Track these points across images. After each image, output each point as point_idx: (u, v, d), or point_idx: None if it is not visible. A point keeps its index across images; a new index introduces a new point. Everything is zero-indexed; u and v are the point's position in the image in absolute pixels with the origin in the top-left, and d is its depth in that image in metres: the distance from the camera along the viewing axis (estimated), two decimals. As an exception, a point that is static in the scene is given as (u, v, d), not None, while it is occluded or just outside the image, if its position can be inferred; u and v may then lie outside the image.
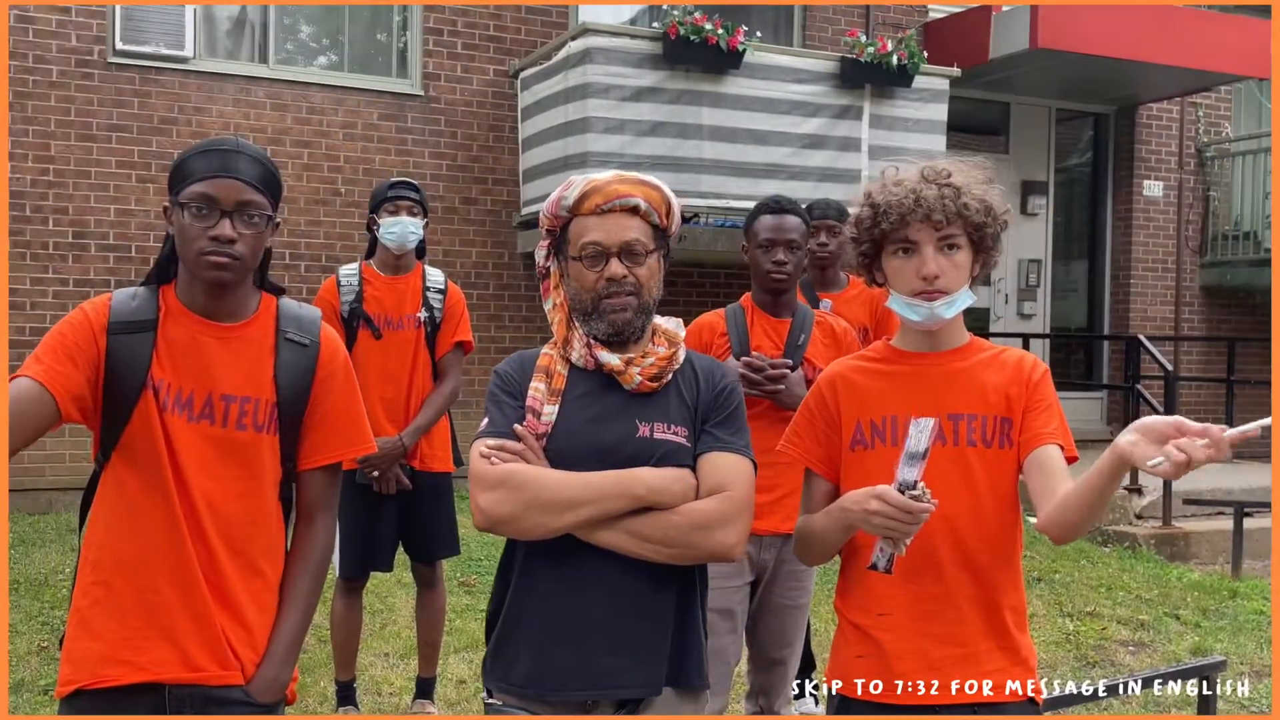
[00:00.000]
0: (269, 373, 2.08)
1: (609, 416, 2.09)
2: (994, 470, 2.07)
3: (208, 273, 2.01)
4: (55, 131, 7.08)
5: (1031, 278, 10.42)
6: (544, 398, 2.10)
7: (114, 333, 2.02)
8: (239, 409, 2.05)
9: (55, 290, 7.06)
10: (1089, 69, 9.12)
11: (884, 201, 2.07)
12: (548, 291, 2.20)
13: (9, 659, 4.48)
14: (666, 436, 2.07)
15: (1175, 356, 10.35)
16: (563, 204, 2.12)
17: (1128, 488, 7.55)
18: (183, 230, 2.01)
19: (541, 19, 8.28)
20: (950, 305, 2.06)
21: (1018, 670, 2.08)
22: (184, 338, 2.05)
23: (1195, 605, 5.96)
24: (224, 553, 2.04)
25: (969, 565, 2.06)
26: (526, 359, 2.19)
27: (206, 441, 2.03)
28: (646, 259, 2.09)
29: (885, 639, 2.08)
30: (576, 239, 2.10)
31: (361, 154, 7.81)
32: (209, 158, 2.02)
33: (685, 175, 7.37)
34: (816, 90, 7.80)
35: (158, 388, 2.01)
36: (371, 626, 5.07)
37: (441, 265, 7.97)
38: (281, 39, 7.84)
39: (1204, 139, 10.77)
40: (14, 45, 6.96)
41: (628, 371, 2.09)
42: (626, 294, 2.07)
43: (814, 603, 5.56)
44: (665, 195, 2.14)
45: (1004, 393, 2.08)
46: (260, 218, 2.03)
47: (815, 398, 2.20)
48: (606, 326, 2.08)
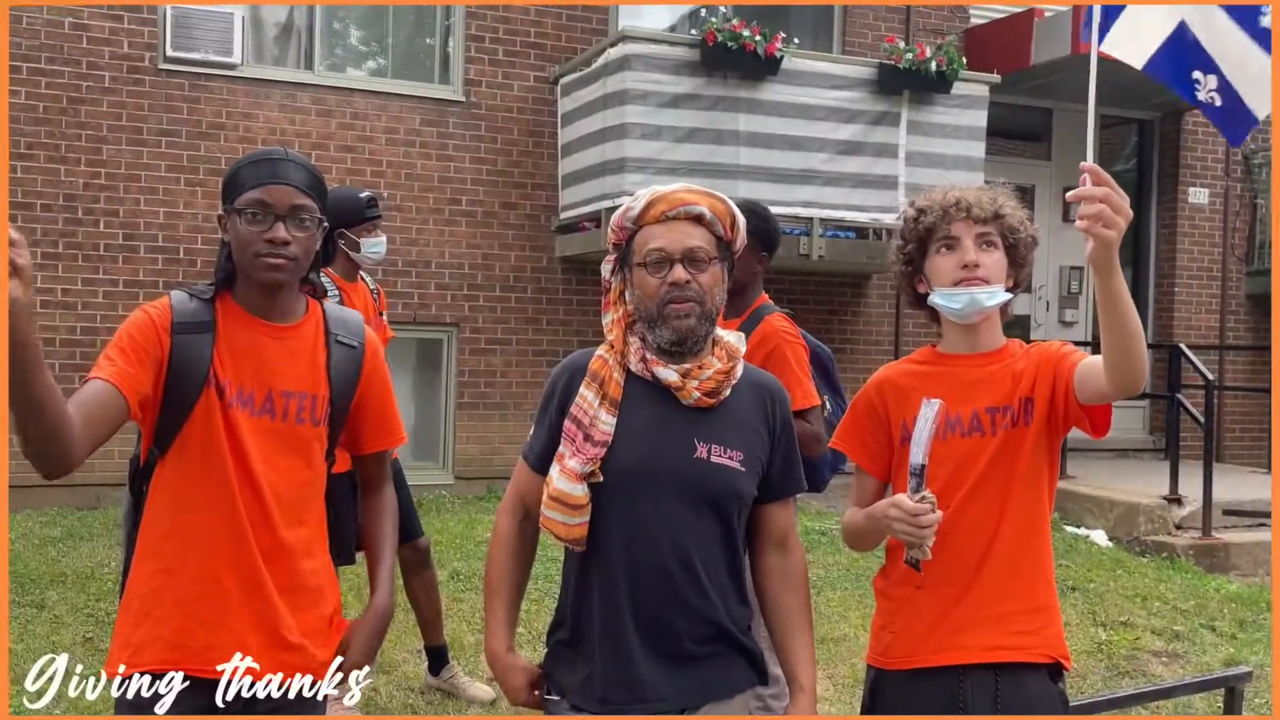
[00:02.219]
0: (323, 371, 2.23)
1: (668, 432, 2.11)
2: (1019, 448, 2.20)
3: (265, 274, 2.14)
4: (107, 136, 7.27)
5: (1074, 285, 10.33)
6: (593, 408, 2.11)
7: (178, 331, 2.13)
8: (298, 404, 2.19)
9: (106, 290, 7.24)
10: (1134, 74, 9.01)
11: (927, 203, 2.26)
12: (608, 306, 2.22)
13: (56, 650, 4.62)
14: (723, 461, 2.11)
15: (1220, 365, 10.22)
16: (629, 215, 2.16)
17: (1167, 498, 7.47)
18: (239, 235, 2.13)
19: (582, 25, 8.36)
20: (990, 294, 2.20)
21: (1045, 633, 2.22)
22: (243, 338, 2.17)
23: (1232, 617, 5.89)
24: (289, 537, 2.18)
25: (1003, 540, 2.20)
26: (578, 362, 2.21)
27: (268, 435, 2.16)
28: (710, 266, 2.12)
29: (920, 606, 2.23)
30: (641, 247, 2.13)
31: (404, 159, 7.93)
32: (259, 167, 2.15)
33: (721, 181, 7.40)
34: (854, 96, 7.80)
35: (221, 385, 2.13)
36: (405, 624, 5.16)
37: (481, 269, 8.12)
38: (326, 46, 7.98)
39: (1251, 145, 10.62)
40: (68, 51, 7.16)
41: (686, 387, 2.11)
42: (690, 300, 2.09)
43: (843, 607, 5.59)
44: (730, 208, 2.17)
45: (1029, 377, 2.21)
46: (311, 220, 2.16)
47: (864, 400, 2.36)
48: (670, 333, 2.09)
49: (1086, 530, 7.56)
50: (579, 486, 2.07)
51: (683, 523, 2.09)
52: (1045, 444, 2.23)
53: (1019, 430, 2.21)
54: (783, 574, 2.24)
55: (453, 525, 6.79)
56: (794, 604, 2.22)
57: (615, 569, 2.09)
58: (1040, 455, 2.23)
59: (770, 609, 2.25)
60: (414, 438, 8.08)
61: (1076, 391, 2.14)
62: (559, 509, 2.09)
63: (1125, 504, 7.57)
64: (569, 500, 2.08)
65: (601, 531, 2.09)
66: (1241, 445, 10.44)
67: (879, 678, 2.31)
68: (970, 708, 2.18)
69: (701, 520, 2.11)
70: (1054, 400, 2.19)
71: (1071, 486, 8.06)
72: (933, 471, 2.11)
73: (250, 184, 2.12)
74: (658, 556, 2.08)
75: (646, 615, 2.08)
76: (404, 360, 7.99)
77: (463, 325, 8.12)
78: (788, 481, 2.24)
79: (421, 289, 7.97)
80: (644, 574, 2.08)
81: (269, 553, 2.16)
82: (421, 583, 4.50)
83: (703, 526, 2.11)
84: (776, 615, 2.24)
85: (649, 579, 2.08)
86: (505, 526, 2.25)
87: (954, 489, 2.19)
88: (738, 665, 2.17)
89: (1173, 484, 7.50)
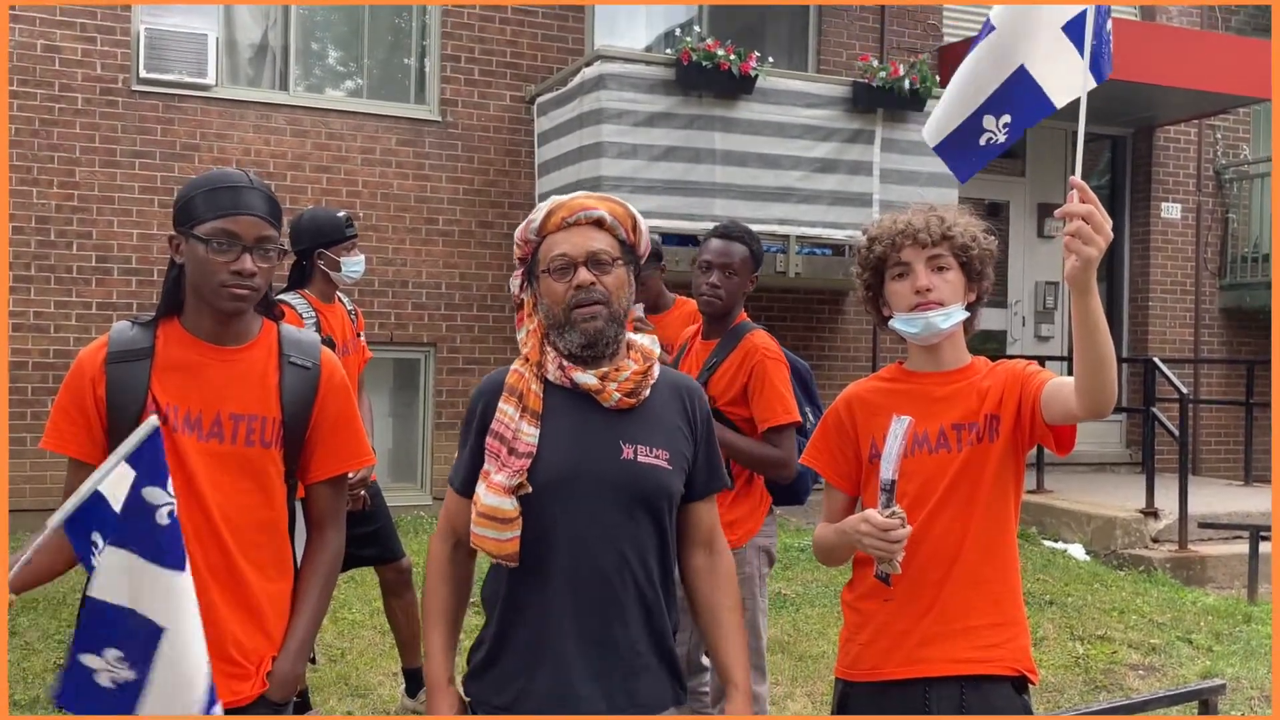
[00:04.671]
0: (274, 393, 2.19)
1: (592, 436, 2.11)
2: (984, 464, 2.23)
3: (228, 304, 2.13)
4: (80, 158, 7.23)
5: (1049, 300, 10.40)
6: (514, 421, 2.10)
7: (112, 362, 2.14)
8: (247, 427, 2.16)
9: (79, 314, 7.19)
10: (1106, 91, 9.10)
11: (878, 232, 2.30)
12: (521, 321, 2.21)
13: (27, 677, 4.56)
14: (651, 461, 2.11)
15: (1195, 379, 10.29)
16: (531, 227, 2.17)
17: (1143, 511, 7.51)
18: (202, 263, 2.11)
19: (558, 45, 8.38)
20: (945, 317, 2.24)
21: (1010, 646, 2.24)
22: (188, 362, 2.16)
23: (1209, 629, 5.92)
24: (242, 560, 2.15)
25: (969, 554, 2.22)
26: (494, 380, 2.20)
27: (216, 458, 2.14)
28: (614, 268, 2.13)
29: (887, 618, 2.25)
30: (545, 255, 2.14)
31: (380, 179, 7.92)
32: (221, 195, 2.12)
33: (697, 199, 7.44)
34: (828, 115, 7.85)
35: (164, 411, 2.11)
36: (382, 646, 5.13)
37: (458, 288, 8.10)
38: (302, 66, 7.98)
39: (1222, 161, 10.74)
40: (40, 74, 7.13)
41: (605, 389, 2.11)
42: (596, 302, 2.09)
43: (822, 624, 5.58)
44: (630, 211, 2.20)
45: (995, 394, 2.24)
46: (274, 250, 2.16)
47: (834, 417, 2.39)
48: (579, 336, 2.10)
49: (1064, 544, 7.59)
50: (508, 500, 2.05)
51: (618, 527, 2.08)
52: (1010, 460, 2.25)
53: (984, 446, 2.23)
54: (711, 573, 2.23)
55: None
56: (724, 603, 2.22)
57: (553, 580, 2.07)
58: (1006, 471, 2.25)
59: (701, 609, 2.24)
60: (392, 458, 8.05)
61: (1044, 411, 2.17)
62: (489, 525, 2.06)
63: (1102, 518, 7.60)
64: (498, 515, 2.05)
65: (536, 543, 2.07)
66: (1217, 458, 10.51)
67: (846, 690, 2.33)
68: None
69: (636, 523, 2.10)
70: (1019, 418, 2.22)
71: (1048, 500, 8.09)
72: (901, 487, 2.13)
73: (214, 212, 2.10)
74: (596, 563, 2.07)
75: (586, 625, 2.07)
76: (381, 381, 7.96)
77: (440, 345, 8.10)
78: (712, 479, 2.24)
79: (399, 309, 7.95)
80: (584, 582, 2.07)
81: (221, 577, 2.13)
82: (401, 604, 4.47)
83: (638, 530, 2.10)
84: (708, 615, 2.23)
85: (589, 587, 2.07)
86: (437, 553, 2.24)
87: (921, 504, 2.22)
88: (664, 680, 2.15)
89: (1149, 497, 7.54)
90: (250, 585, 2.16)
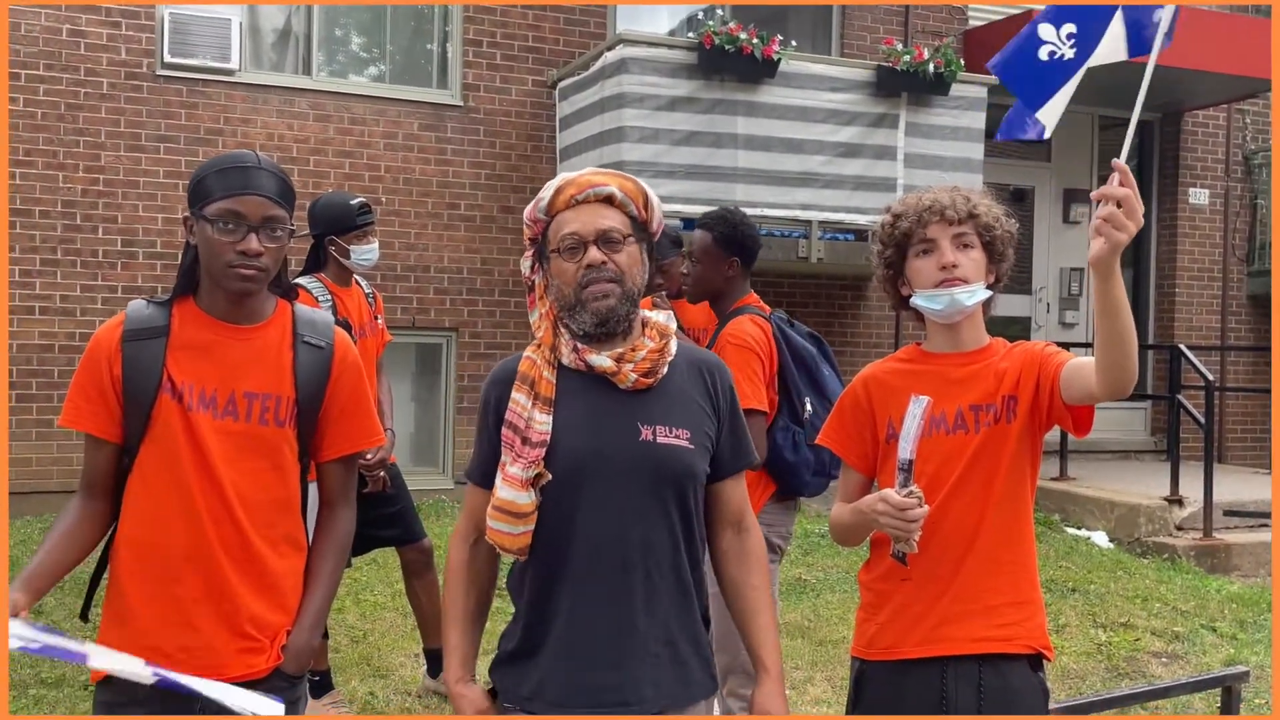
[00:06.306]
0: (288, 372, 2.21)
1: (609, 419, 2.05)
2: (1002, 445, 2.23)
3: (235, 284, 2.13)
4: (105, 142, 7.28)
5: (1074, 286, 10.32)
6: (526, 410, 2.06)
7: (128, 340, 2.15)
8: (261, 405, 2.17)
9: (104, 297, 7.25)
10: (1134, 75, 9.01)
11: (903, 208, 2.30)
12: (533, 303, 2.16)
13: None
14: (671, 441, 2.06)
15: (1221, 366, 10.20)
16: (540, 206, 2.12)
17: (1168, 499, 7.45)
18: (210, 243, 2.12)
19: (580, 29, 8.36)
20: (970, 294, 2.23)
21: (1028, 625, 2.24)
22: (202, 340, 2.17)
23: (1233, 617, 5.88)
24: (256, 538, 2.17)
25: (987, 535, 2.22)
26: (506, 369, 2.16)
27: (231, 436, 2.15)
28: (625, 246, 2.07)
29: (904, 598, 2.25)
30: (555, 235, 2.09)
31: (402, 164, 7.93)
32: (230, 175, 2.12)
33: (719, 184, 7.41)
34: (852, 99, 7.80)
35: (180, 389, 2.13)
36: (403, 628, 5.16)
37: (480, 273, 8.12)
38: (325, 51, 7.99)
39: (1251, 146, 10.61)
40: (65, 58, 7.17)
41: (621, 370, 2.05)
42: (607, 280, 2.03)
43: (842, 609, 5.57)
44: (641, 187, 2.13)
45: (1013, 375, 2.24)
46: (283, 230, 2.16)
47: (850, 397, 2.38)
48: (591, 316, 2.04)
49: (1087, 532, 7.54)
50: (524, 494, 2.01)
51: (639, 511, 2.03)
52: (1028, 441, 2.25)
53: (1002, 427, 2.23)
54: (741, 554, 2.19)
55: (451, 530, 6.78)
56: (754, 585, 2.17)
57: (576, 568, 2.02)
58: (1023, 452, 2.24)
59: (730, 591, 2.19)
60: (414, 443, 8.08)
61: (1063, 391, 2.16)
62: (503, 519, 2.03)
63: (1126, 505, 7.55)
64: (513, 509, 2.02)
65: (557, 531, 2.02)
66: (1243, 446, 10.42)
67: (864, 669, 2.33)
68: (954, 698, 2.20)
69: (658, 506, 2.04)
70: (1038, 398, 2.21)
71: (1072, 488, 8.04)
72: (918, 468, 2.12)
73: (222, 192, 2.10)
74: (618, 548, 2.02)
75: (610, 613, 2.02)
76: (403, 365, 8.00)
77: (462, 330, 8.12)
78: (737, 456, 2.18)
79: (420, 293, 7.97)
80: (606, 570, 2.01)
81: (236, 554, 2.15)
82: (423, 584, 4.49)
83: (661, 513, 2.04)
84: (737, 597, 2.18)
85: (612, 575, 2.01)
86: (455, 556, 2.20)
87: (938, 485, 2.21)
88: (693, 669, 2.10)
89: (1173, 485, 7.49)
90: (265, 562, 2.18)
